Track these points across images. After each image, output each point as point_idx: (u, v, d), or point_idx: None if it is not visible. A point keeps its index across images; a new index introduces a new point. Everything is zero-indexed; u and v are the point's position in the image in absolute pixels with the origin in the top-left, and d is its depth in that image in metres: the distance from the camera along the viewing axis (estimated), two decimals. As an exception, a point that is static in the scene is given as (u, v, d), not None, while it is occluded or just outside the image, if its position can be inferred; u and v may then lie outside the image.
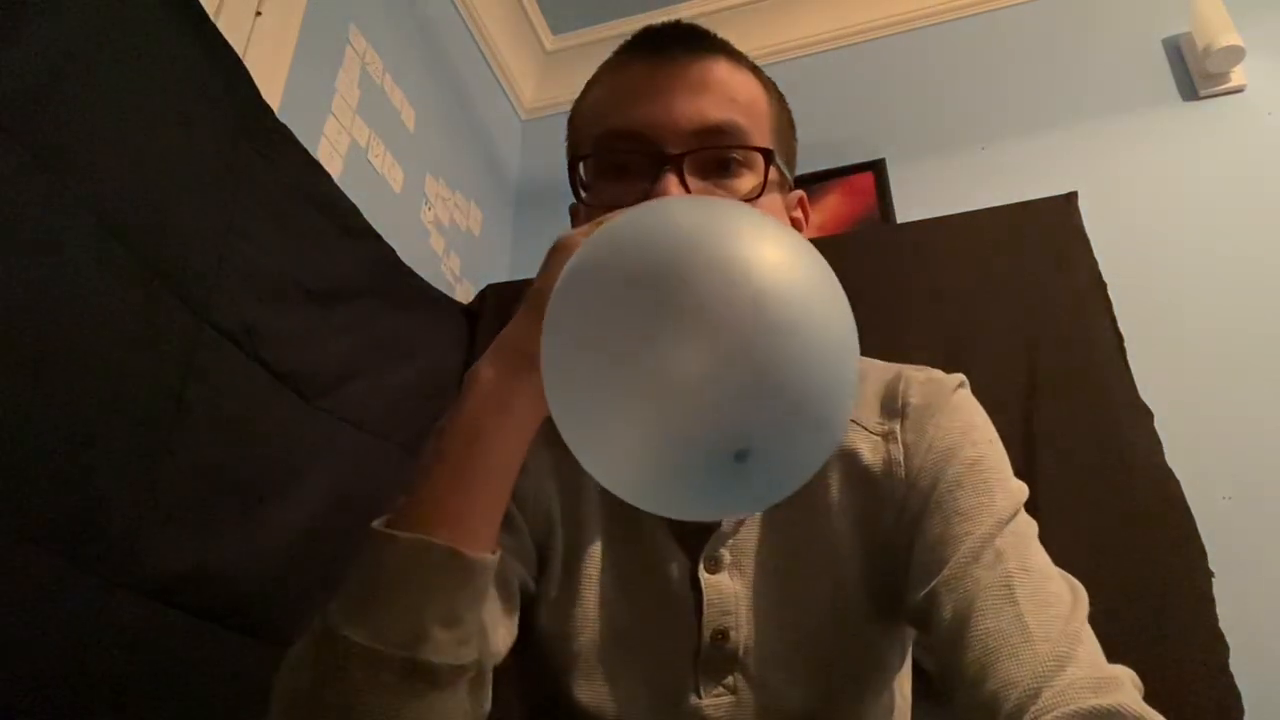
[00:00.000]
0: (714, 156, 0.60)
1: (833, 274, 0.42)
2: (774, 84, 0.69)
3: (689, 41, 0.64)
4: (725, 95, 0.62)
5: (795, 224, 0.69)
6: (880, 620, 0.63)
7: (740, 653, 0.62)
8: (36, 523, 0.76)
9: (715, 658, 0.62)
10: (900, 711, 0.70)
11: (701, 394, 0.37)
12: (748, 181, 0.61)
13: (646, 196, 0.56)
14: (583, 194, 0.64)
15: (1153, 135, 1.71)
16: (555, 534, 0.66)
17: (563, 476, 0.67)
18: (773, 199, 0.63)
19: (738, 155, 0.61)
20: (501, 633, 0.58)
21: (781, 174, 0.65)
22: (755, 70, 0.67)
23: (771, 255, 0.40)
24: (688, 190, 0.58)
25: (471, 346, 1.65)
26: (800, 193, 0.70)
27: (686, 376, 0.37)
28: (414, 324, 1.48)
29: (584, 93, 0.69)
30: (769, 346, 0.37)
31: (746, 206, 0.45)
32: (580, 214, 0.65)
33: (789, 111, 0.70)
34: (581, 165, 0.64)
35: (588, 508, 0.66)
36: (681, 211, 0.43)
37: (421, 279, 1.54)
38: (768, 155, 0.61)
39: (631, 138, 0.61)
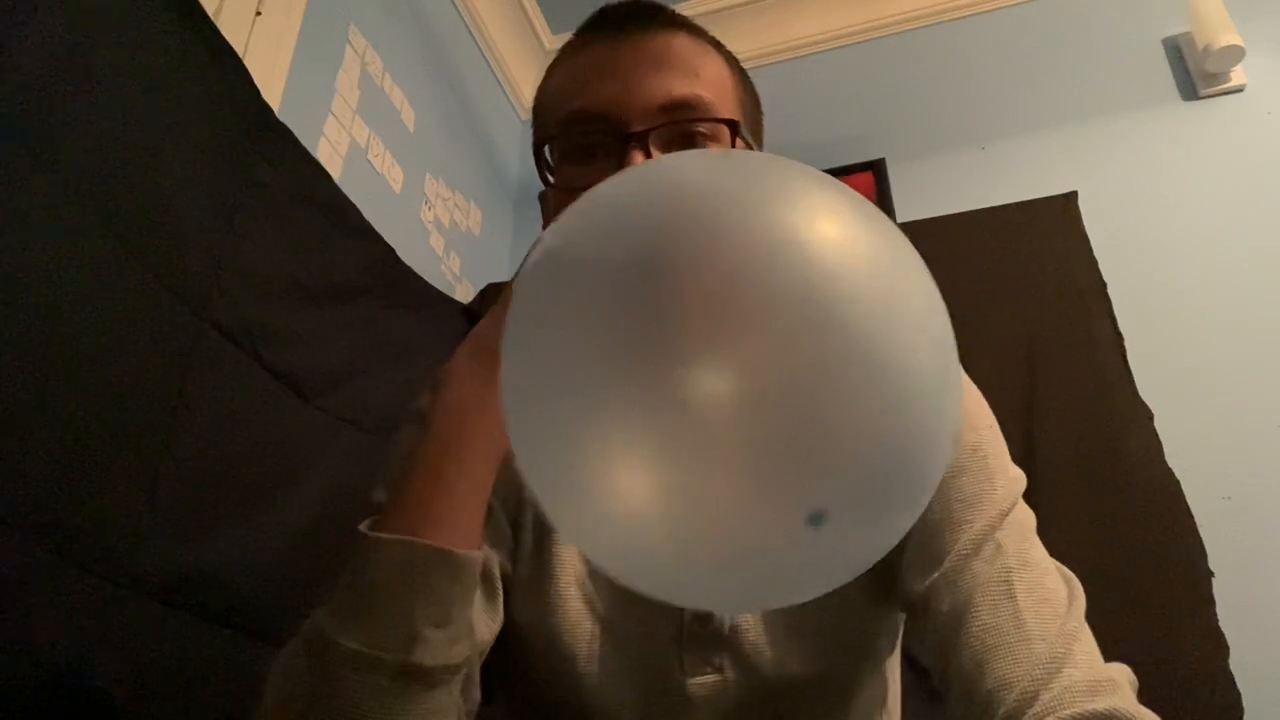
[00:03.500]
0: (679, 131, 0.59)
1: (918, 256, 0.31)
2: (736, 59, 0.68)
3: (648, 17, 0.63)
4: (688, 69, 0.61)
5: None
6: (874, 600, 0.62)
7: (727, 632, 0.61)
8: (36, 523, 0.76)
9: (700, 636, 0.61)
10: (889, 694, 0.70)
11: (753, 435, 0.26)
12: None
13: None
14: (550, 178, 0.63)
15: (1153, 135, 1.71)
16: (525, 513, 0.65)
17: None
18: None
19: (703, 129, 0.59)
20: (485, 622, 0.58)
21: (749, 147, 0.63)
22: (717, 45, 0.66)
23: (835, 225, 0.29)
24: None
25: (471, 347, 1.65)
26: None
27: (724, 411, 0.26)
28: (414, 324, 1.48)
29: (546, 77, 0.68)
30: (856, 361, 0.27)
31: (780, 158, 0.37)
32: (549, 200, 0.65)
33: (754, 89, 0.69)
34: (547, 149, 0.63)
35: None
36: (697, 165, 0.32)
37: (421, 279, 1.54)
38: (733, 125, 0.60)
39: (595, 118, 0.60)
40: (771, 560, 0.29)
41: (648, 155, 0.57)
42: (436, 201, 1.76)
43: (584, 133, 0.61)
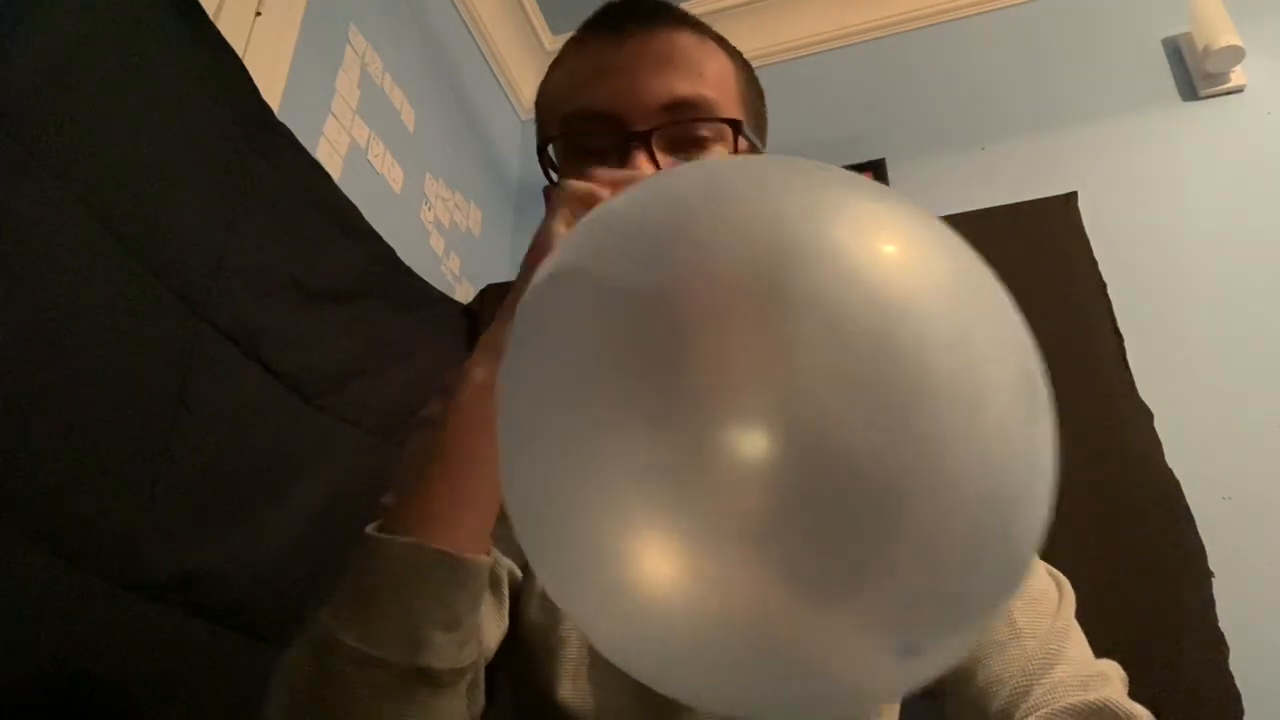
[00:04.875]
0: (683, 132, 0.59)
1: (991, 272, 0.26)
2: (740, 54, 0.67)
3: (651, 15, 0.62)
4: (691, 68, 0.60)
5: None
6: None
7: None
8: (36, 523, 0.76)
9: None
10: None
11: (818, 516, 0.20)
12: (719, 155, 0.59)
13: None
14: (553, 177, 0.63)
15: (1153, 135, 1.71)
16: None
17: None
18: None
19: (706, 129, 0.59)
20: (492, 628, 0.57)
21: (753, 145, 0.63)
22: (720, 41, 0.65)
23: (898, 242, 0.23)
24: (658, 168, 0.56)
25: (471, 346, 1.63)
26: None
27: (780, 485, 0.20)
28: (414, 324, 1.48)
29: (548, 74, 0.67)
30: (943, 420, 0.21)
31: (805, 160, 0.31)
32: (554, 196, 0.65)
33: (757, 82, 0.68)
34: (550, 148, 0.63)
35: None
36: (730, 173, 0.26)
37: (421, 279, 1.54)
38: (735, 125, 0.59)
39: (598, 118, 0.59)
40: (834, 683, 0.22)
41: (650, 155, 0.57)
42: (436, 201, 1.76)
43: (586, 132, 0.60)
